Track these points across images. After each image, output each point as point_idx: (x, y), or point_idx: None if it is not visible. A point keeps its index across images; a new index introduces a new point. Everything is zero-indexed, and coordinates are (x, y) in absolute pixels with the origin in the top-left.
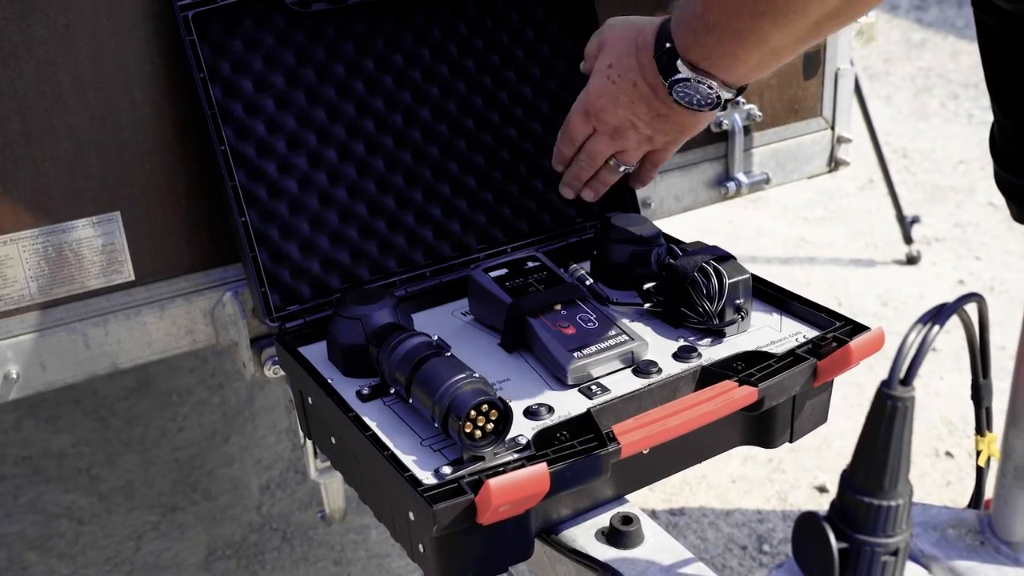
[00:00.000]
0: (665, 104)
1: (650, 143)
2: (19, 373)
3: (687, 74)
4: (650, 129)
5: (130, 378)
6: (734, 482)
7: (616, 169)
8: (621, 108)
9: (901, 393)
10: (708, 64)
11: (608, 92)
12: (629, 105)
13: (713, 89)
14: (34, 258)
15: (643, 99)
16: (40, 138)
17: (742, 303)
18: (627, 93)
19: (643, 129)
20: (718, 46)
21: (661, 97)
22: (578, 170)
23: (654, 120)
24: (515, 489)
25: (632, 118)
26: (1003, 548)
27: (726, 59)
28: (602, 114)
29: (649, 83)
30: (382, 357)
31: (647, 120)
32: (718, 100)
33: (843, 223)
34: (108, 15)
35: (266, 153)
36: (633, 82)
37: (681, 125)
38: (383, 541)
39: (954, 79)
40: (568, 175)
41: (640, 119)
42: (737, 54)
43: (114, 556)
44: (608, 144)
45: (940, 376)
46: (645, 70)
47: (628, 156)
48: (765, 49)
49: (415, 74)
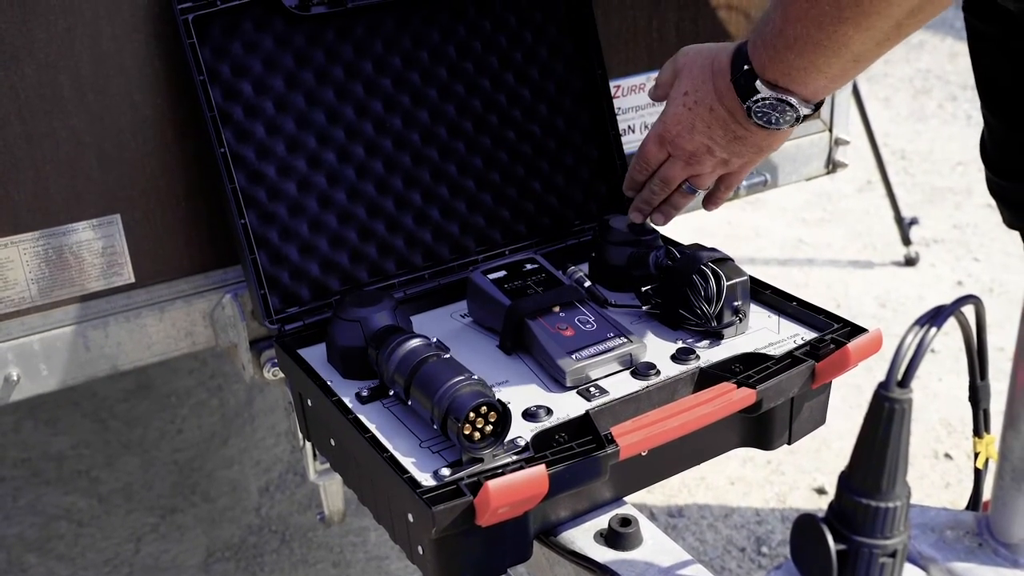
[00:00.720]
0: (743, 126)
1: (726, 166)
2: (19, 375)
3: (766, 93)
4: (727, 152)
5: (130, 380)
6: (733, 484)
7: (689, 193)
8: (698, 134)
9: (899, 395)
10: (788, 81)
11: (684, 119)
12: (706, 130)
13: (793, 106)
14: (35, 261)
15: (720, 123)
16: (41, 141)
17: (740, 305)
18: (704, 119)
19: (720, 153)
20: (799, 60)
21: (739, 120)
22: (650, 195)
23: (731, 143)
24: (514, 491)
25: (709, 143)
26: (1001, 550)
27: (807, 73)
28: (678, 141)
29: (727, 107)
30: (381, 359)
31: (724, 144)
32: (797, 117)
33: (841, 225)
34: (108, 18)
35: (265, 155)
36: (710, 107)
37: (759, 146)
38: (382, 543)
39: (952, 81)
40: (639, 200)
41: (717, 143)
42: (818, 66)
43: (113, 558)
44: (683, 169)
45: (939, 378)
46: (722, 95)
47: (702, 180)
48: (847, 56)
49: (414, 76)
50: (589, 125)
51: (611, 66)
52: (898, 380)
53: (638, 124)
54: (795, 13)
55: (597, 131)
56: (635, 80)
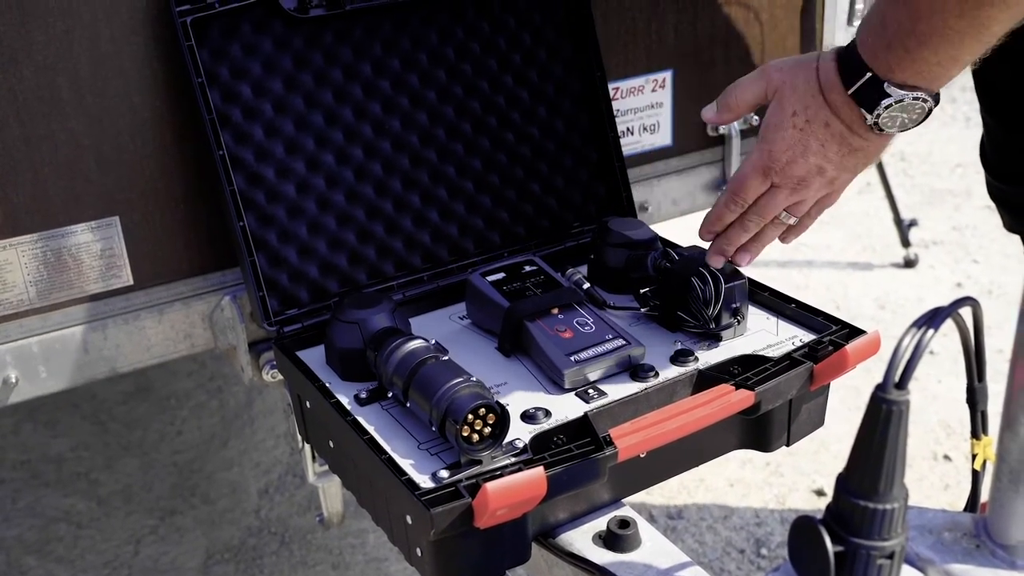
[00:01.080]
0: (861, 137)
1: (830, 186)
2: (18, 377)
3: (900, 95)
4: (838, 169)
5: (129, 382)
6: (732, 486)
7: (785, 222)
8: (812, 155)
9: (896, 397)
10: (920, 79)
11: (797, 142)
12: (820, 150)
13: (926, 102)
14: (33, 263)
15: (836, 139)
16: (39, 143)
17: (738, 307)
18: (818, 137)
19: (831, 171)
20: (934, 55)
21: (857, 131)
22: (739, 233)
23: (846, 158)
24: (512, 493)
25: (823, 163)
26: (999, 551)
27: (944, 67)
28: (790, 168)
29: (844, 121)
30: (380, 361)
31: (837, 160)
32: (926, 113)
33: (841, 226)
34: (107, 21)
35: (264, 158)
36: (825, 123)
37: (875, 154)
38: (381, 545)
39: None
40: (723, 240)
41: (830, 161)
42: (956, 58)
43: (113, 560)
44: (787, 198)
45: (938, 380)
46: (838, 108)
47: (804, 206)
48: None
49: (412, 78)
50: (588, 127)
51: (610, 68)
52: (895, 382)
53: (637, 126)
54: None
55: (596, 133)
56: (634, 82)
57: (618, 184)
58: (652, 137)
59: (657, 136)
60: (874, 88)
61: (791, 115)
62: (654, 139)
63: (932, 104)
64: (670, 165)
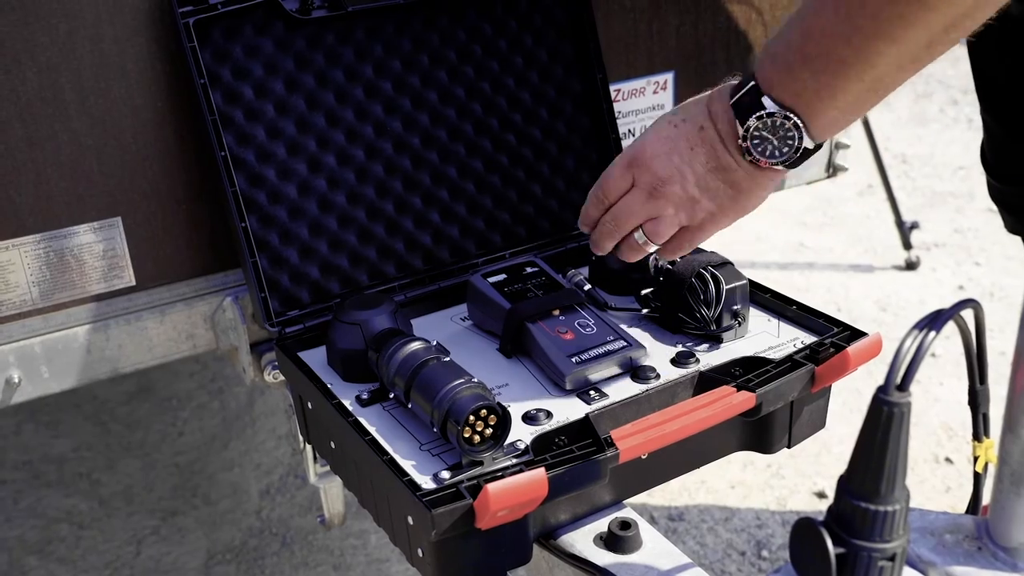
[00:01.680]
0: (730, 154)
1: (690, 211)
2: (20, 377)
3: (773, 108)
4: (698, 189)
5: (130, 383)
6: (733, 488)
7: (641, 245)
8: (677, 154)
9: (897, 399)
10: (796, 102)
11: (667, 136)
12: (687, 151)
13: (798, 129)
14: (36, 263)
15: (706, 145)
16: (42, 144)
17: (739, 309)
18: (689, 138)
19: (691, 187)
20: (813, 80)
21: (728, 146)
22: (603, 236)
23: (709, 175)
24: (513, 494)
25: (686, 170)
26: (1000, 554)
27: (820, 96)
28: (652, 162)
29: (718, 128)
30: (381, 362)
31: (703, 174)
32: (796, 148)
33: (842, 228)
34: (110, 22)
35: (266, 159)
36: (700, 126)
37: (738, 186)
38: (383, 546)
39: (954, 85)
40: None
41: (695, 172)
42: (834, 89)
43: (114, 560)
44: (643, 204)
45: (940, 382)
46: (716, 116)
47: (660, 226)
48: (868, 78)
49: (414, 80)
50: (589, 129)
51: (611, 70)
52: (897, 384)
53: (638, 128)
54: (819, 27)
55: (597, 135)
56: (635, 84)
57: None
58: None
59: None
60: (752, 98)
61: (671, 115)
62: None
63: (805, 142)
64: None
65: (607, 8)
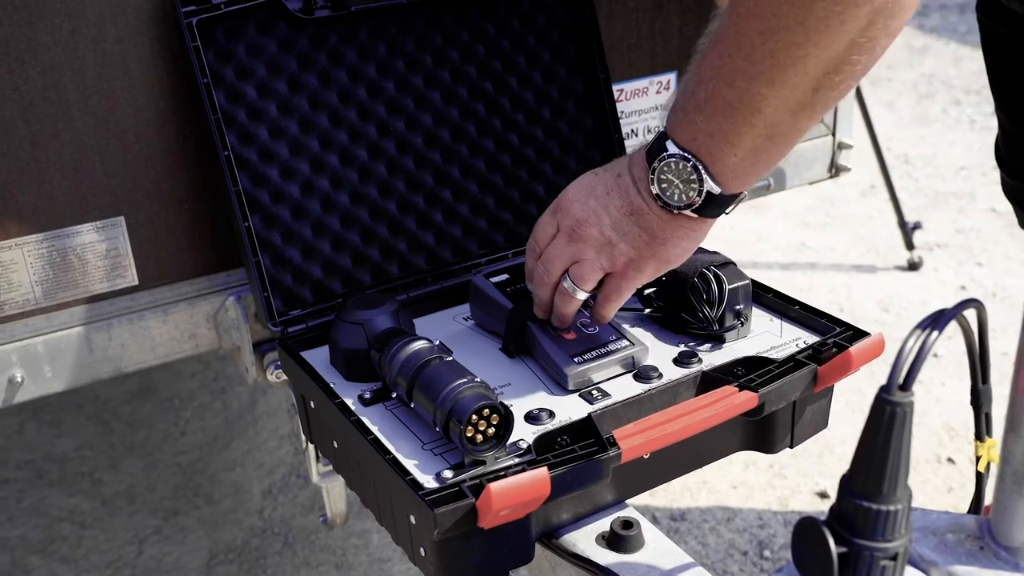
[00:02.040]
0: (642, 198)
1: (609, 254)
2: (23, 377)
3: (673, 150)
4: (614, 230)
5: (133, 382)
6: (735, 488)
7: (570, 292)
8: (594, 198)
9: (900, 398)
10: (693, 145)
11: (588, 183)
12: (604, 195)
13: (697, 173)
14: (39, 263)
15: (621, 190)
16: (45, 143)
17: (742, 309)
18: (607, 183)
19: (607, 228)
20: (707, 123)
21: (641, 191)
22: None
23: (623, 218)
24: (516, 493)
25: (600, 211)
26: (1002, 553)
27: (715, 140)
28: (572, 206)
29: (633, 175)
30: (384, 362)
31: (616, 216)
32: (700, 192)
33: (844, 229)
34: (113, 22)
35: (269, 158)
36: (618, 173)
37: (650, 231)
38: (385, 545)
39: (956, 85)
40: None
41: (608, 213)
42: (727, 133)
43: (116, 560)
44: (565, 246)
45: (942, 382)
46: (633, 163)
47: (583, 270)
48: (759, 124)
49: (417, 80)
50: (592, 129)
51: (614, 70)
52: (899, 383)
53: (641, 128)
54: (707, 71)
55: (600, 135)
56: (638, 84)
57: None
58: None
59: None
60: (659, 143)
61: (599, 167)
62: None
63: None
64: None
65: (610, 8)
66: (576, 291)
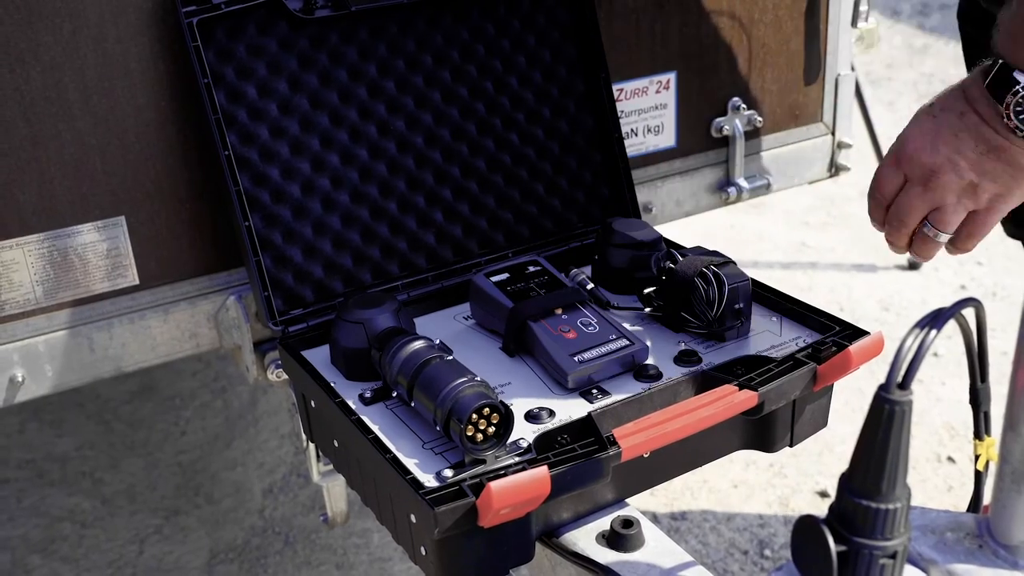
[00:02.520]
0: (998, 133)
1: (973, 196)
2: (24, 376)
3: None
4: (974, 172)
5: (133, 382)
6: (735, 487)
7: (931, 237)
8: (943, 145)
9: (899, 397)
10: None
11: (927, 129)
12: (952, 140)
13: None
14: (40, 262)
15: (971, 130)
16: (46, 143)
17: (742, 308)
18: (951, 125)
19: (965, 172)
20: None
21: (994, 126)
22: (892, 233)
23: (981, 158)
24: (516, 492)
25: (955, 156)
26: (1001, 552)
27: None
28: (919, 155)
29: (979, 112)
30: (384, 361)
31: (973, 158)
32: None
33: (845, 228)
34: (113, 21)
35: (269, 158)
36: (960, 112)
37: (1017, 165)
38: (385, 545)
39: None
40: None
41: (964, 157)
42: None
43: (117, 559)
44: (920, 196)
45: (942, 382)
46: (975, 101)
47: (944, 215)
48: None
49: (417, 79)
50: (592, 128)
51: (614, 69)
52: (898, 382)
53: (640, 127)
54: None
55: (600, 134)
56: (638, 84)
57: (622, 185)
58: (656, 138)
59: (661, 137)
60: (1005, 74)
61: (928, 107)
62: (658, 140)
63: None
64: (674, 166)
65: (610, 8)
66: (939, 235)
